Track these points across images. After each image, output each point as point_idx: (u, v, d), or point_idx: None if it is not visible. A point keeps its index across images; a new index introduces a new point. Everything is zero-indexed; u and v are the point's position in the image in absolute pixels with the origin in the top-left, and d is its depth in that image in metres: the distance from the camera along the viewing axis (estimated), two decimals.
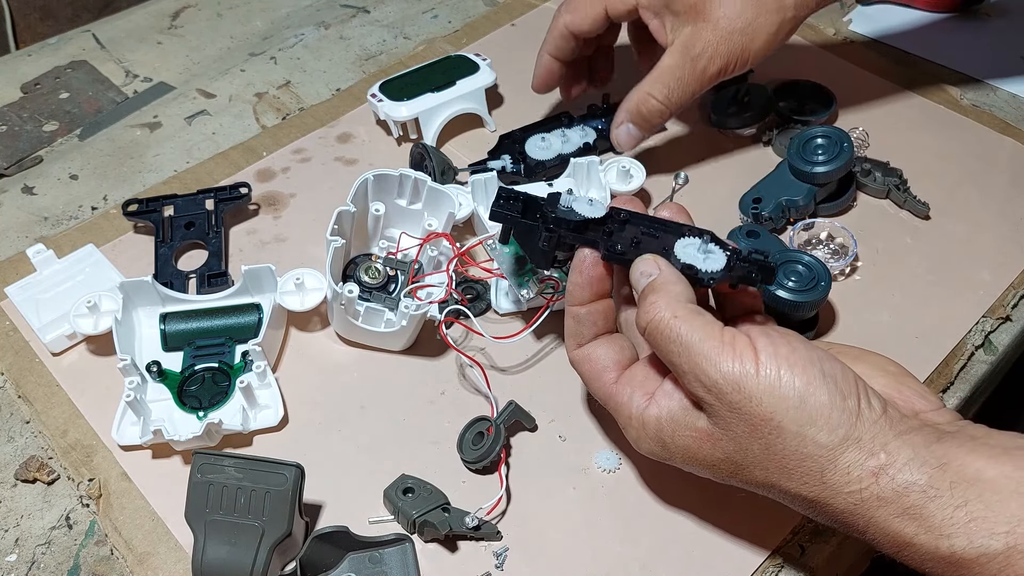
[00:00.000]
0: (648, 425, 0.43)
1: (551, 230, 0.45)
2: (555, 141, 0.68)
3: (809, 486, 0.39)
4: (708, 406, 0.40)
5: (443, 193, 0.58)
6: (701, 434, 0.41)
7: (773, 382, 0.38)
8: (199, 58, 0.83)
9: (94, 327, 0.55)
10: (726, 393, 0.39)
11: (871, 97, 0.75)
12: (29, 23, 1.20)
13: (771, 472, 0.40)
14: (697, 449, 0.42)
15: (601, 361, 0.45)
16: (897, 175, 0.66)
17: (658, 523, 0.49)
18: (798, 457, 0.38)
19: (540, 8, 0.85)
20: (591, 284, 0.45)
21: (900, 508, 0.37)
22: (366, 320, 0.55)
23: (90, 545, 0.50)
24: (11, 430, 0.55)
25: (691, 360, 0.40)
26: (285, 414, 0.54)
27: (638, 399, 0.44)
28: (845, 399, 0.38)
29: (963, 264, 0.62)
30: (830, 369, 0.39)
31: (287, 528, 0.44)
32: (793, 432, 0.38)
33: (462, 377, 0.56)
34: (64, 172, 0.71)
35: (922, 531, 0.36)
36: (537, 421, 0.54)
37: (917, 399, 0.42)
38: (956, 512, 0.36)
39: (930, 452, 0.37)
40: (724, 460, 0.41)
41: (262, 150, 0.72)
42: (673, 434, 0.42)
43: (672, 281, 0.42)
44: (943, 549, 0.36)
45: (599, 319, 0.46)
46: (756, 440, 0.39)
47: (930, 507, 0.36)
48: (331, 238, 0.55)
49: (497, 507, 0.49)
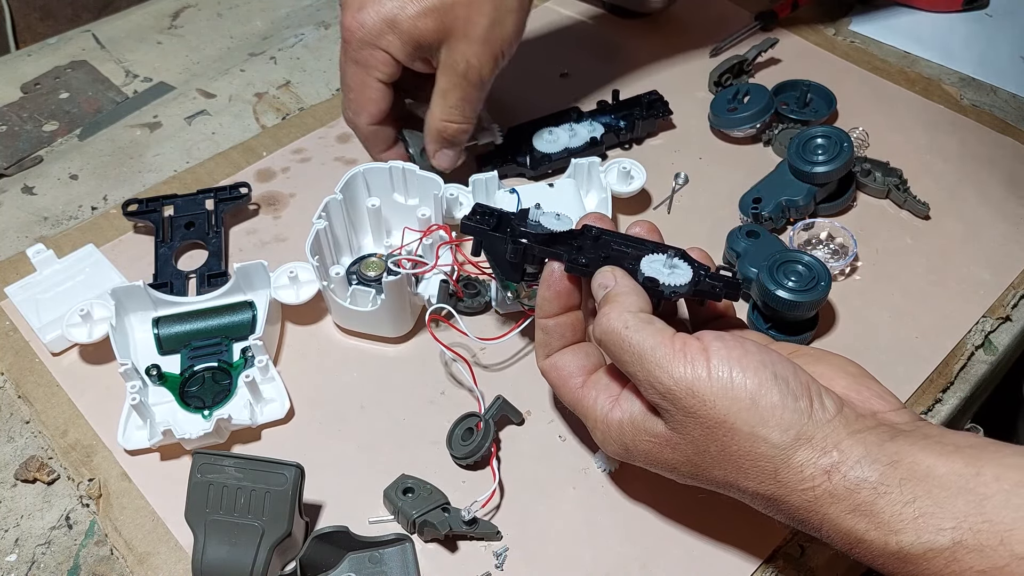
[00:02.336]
0: (612, 427, 0.44)
1: (517, 243, 0.47)
2: (562, 135, 0.69)
3: (765, 484, 0.40)
4: (664, 411, 0.41)
5: (425, 177, 0.60)
6: (660, 439, 0.42)
7: (725, 384, 0.39)
8: (199, 58, 0.83)
9: (88, 335, 0.55)
10: (680, 398, 0.40)
11: (871, 97, 0.75)
12: (29, 23, 1.20)
13: (728, 472, 0.41)
14: (657, 453, 0.43)
15: (567, 368, 0.47)
16: (897, 175, 0.66)
17: (658, 523, 0.49)
18: (752, 457, 0.39)
19: (540, 8, 0.85)
20: (559, 297, 0.46)
21: (852, 505, 0.37)
22: (354, 301, 0.56)
23: (90, 545, 0.50)
24: (11, 430, 0.55)
25: (644, 368, 0.41)
26: (291, 406, 0.54)
27: (603, 402, 0.45)
28: (797, 400, 0.39)
29: (963, 264, 0.62)
30: (782, 371, 0.40)
31: (287, 528, 0.44)
32: (746, 433, 0.39)
33: (455, 374, 0.56)
34: (64, 172, 0.71)
35: (872, 527, 0.37)
36: (537, 422, 0.54)
37: (875, 399, 0.42)
38: (905, 508, 0.36)
39: (882, 450, 0.38)
40: (683, 463, 0.42)
41: (262, 150, 0.72)
42: (634, 438, 0.43)
43: (626, 292, 0.43)
44: (892, 545, 0.36)
45: (567, 331, 0.47)
46: (712, 442, 0.40)
47: (880, 503, 0.37)
48: (316, 221, 0.56)
49: (491, 501, 0.50)
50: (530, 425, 0.54)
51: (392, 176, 0.61)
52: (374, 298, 0.55)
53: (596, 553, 0.48)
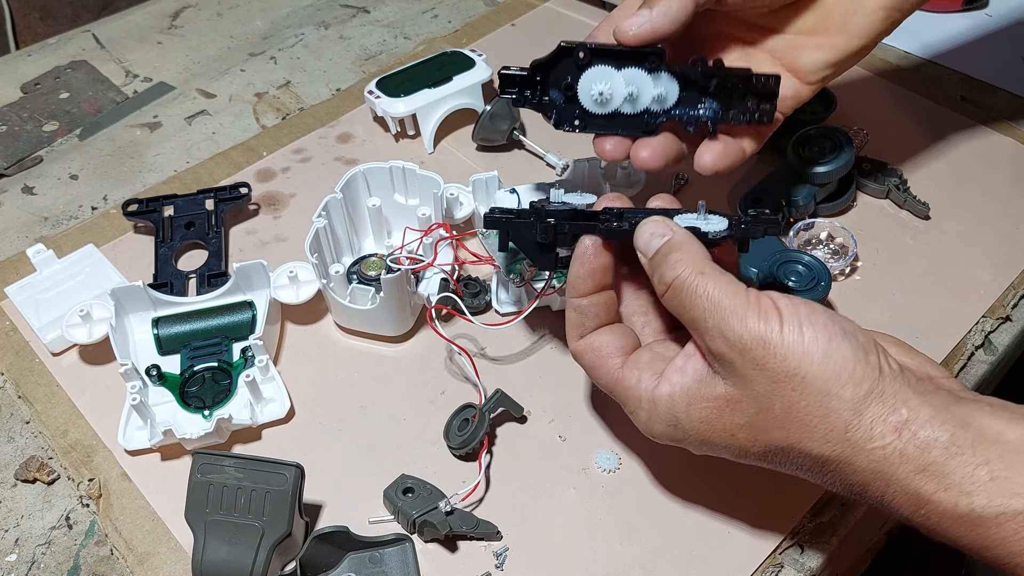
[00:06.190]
0: (659, 404, 0.42)
1: (545, 222, 0.45)
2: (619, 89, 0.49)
3: (832, 444, 0.38)
4: (728, 365, 0.40)
5: (425, 177, 0.59)
6: (719, 401, 0.40)
7: (797, 339, 0.38)
8: (199, 58, 0.83)
9: (88, 336, 0.55)
10: (751, 349, 0.38)
11: (871, 97, 0.75)
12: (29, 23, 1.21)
13: (792, 432, 0.39)
14: (715, 419, 0.41)
15: (605, 348, 0.45)
16: (897, 175, 0.66)
17: (658, 523, 0.49)
18: (822, 412, 0.38)
19: (540, 8, 0.85)
20: (593, 275, 0.44)
21: (921, 464, 0.36)
22: (354, 300, 0.56)
23: (90, 545, 0.50)
24: (11, 430, 0.55)
25: (717, 316, 0.39)
26: (291, 406, 0.54)
27: (647, 380, 0.43)
28: (867, 354, 0.38)
29: (963, 264, 0.62)
30: (849, 327, 0.39)
31: (287, 528, 0.44)
32: (817, 387, 0.38)
33: (456, 372, 0.56)
34: (64, 172, 0.71)
35: (942, 488, 0.36)
36: (537, 422, 0.54)
37: (929, 366, 0.42)
38: (977, 471, 0.35)
39: (950, 412, 0.37)
40: (743, 426, 0.40)
41: (262, 150, 0.72)
42: (688, 408, 0.41)
43: (688, 240, 0.42)
44: (962, 507, 0.36)
45: (601, 311, 0.45)
46: (778, 398, 0.39)
47: (951, 464, 0.36)
48: (315, 219, 0.56)
49: (474, 493, 0.50)
50: (530, 425, 0.54)
51: (393, 176, 0.61)
52: (373, 296, 0.55)
53: (596, 553, 0.48)
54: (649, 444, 0.45)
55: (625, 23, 0.47)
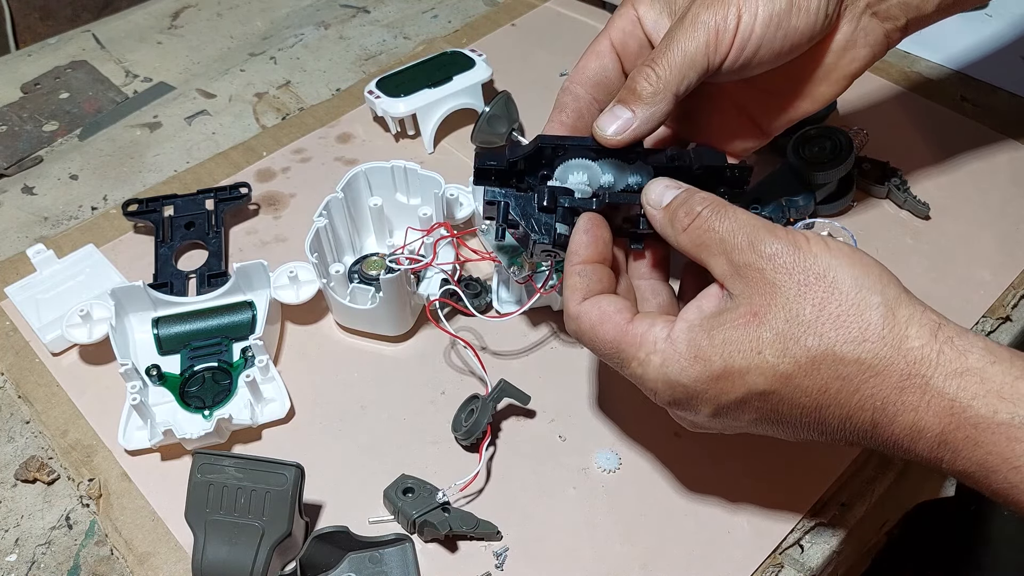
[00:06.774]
0: (678, 341, 0.40)
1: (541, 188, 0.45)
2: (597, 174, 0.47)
3: (869, 343, 0.37)
4: (757, 274, 0.39)
5: (427, 177, 0.59)
6: (745, 317, 0.39)
7: (824, 248, 0.39)
8: (199, 58, 0.83)
9: (88, 336, 0.55)
10: (780, 254, 0.39)
11: (871, 97, 0.75)
12: (29, 23, 1.21)
13: (825, 336, 0.38)
14: (742, 337, 0.39)
15: (611, 307, 0.42)
16: (897, 175, 0.66)
17: (658, 523, 0.49)
18: (856, 311, 0.38)
19: (540, 8, 0.85)
20: (595, 242, 0.43)
21: (960, 368, 0.36)
22: (354, 299, 0.56)
23: (90, 545, 0.50)
24: (11, 430, 0.55)
25: (749, 229, 0.40)
26: (291, 406, 0.54)
27: (660, 324, 0.41)
28: (890, 273, 0.39)
29: (963, 264, 0.62)
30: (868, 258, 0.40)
31: (287, 528, 0.44)
32: (849, 285, 0.38)
33: (457, 369, 0.56)
34: (64, 172, 0.71)
35: (981, 393, 0.36)
36: (537, 422, 0.54)
37: None
38: (1018, 382, 0.35)
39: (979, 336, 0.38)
40: (772, 340, 0.38)
41: (262, 150, 0.72)
42: (711, 333, 0.39)
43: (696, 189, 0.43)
44: (1003, 414, 0.35)
45: (604, 276, 0.44)
46: (808, 301, 0.38)
47: (991, 371, 0.36)
48: (316, 219, 0.56)
49: (473, 483, 0.50)
50: (530, 425, 0.54)
51: (394, 175, 0.61)
52: (373, 296, 0.55)
53: (596, 553, 0.48)
54: (649, 444, 0.45)
55: (608, 126, 0.45)
